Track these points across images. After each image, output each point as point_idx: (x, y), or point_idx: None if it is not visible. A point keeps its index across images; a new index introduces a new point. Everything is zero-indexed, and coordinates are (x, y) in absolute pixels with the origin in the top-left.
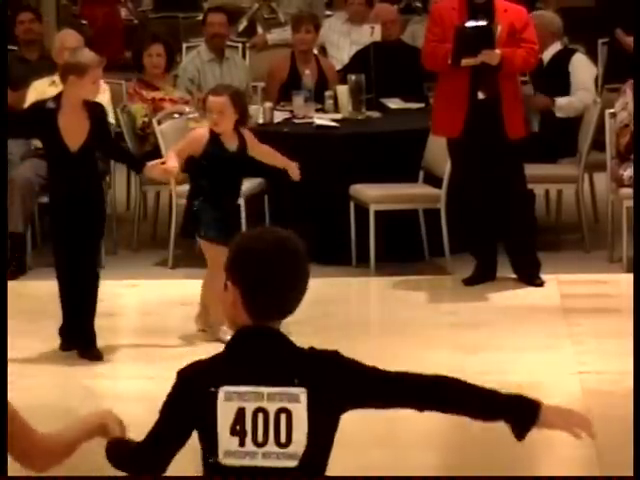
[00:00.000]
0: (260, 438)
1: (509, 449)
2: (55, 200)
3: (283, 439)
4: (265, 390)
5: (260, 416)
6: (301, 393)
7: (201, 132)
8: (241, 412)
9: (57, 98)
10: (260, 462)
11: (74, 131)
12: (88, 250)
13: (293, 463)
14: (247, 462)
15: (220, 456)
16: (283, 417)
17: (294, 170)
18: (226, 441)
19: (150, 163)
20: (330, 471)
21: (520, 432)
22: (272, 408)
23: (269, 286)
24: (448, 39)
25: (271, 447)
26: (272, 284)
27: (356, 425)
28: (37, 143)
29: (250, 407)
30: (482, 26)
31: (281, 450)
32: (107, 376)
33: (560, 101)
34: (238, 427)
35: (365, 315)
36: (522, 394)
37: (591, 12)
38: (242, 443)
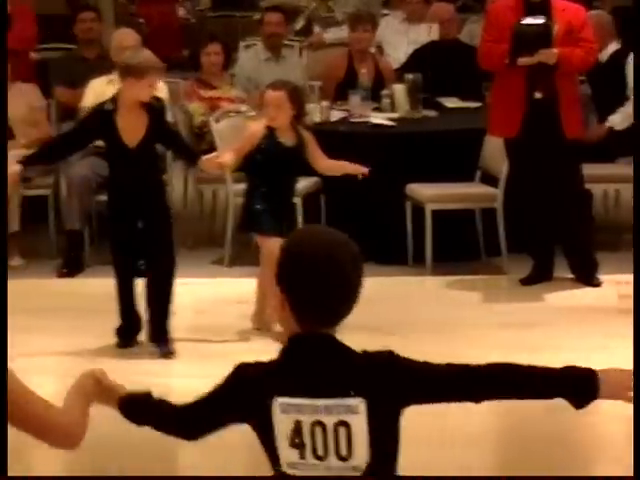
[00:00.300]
0: (320, 452)
1: (561, 448)
2: (114, 198)
3: (344, 452)
4: (322, 403)
5: (318, 430)
6: (359, 403)
7: (257, 127)
8: (298, 425)
9: (114, 98)
10: (324, 473)
11: (132, 128)
12: (159, 248)
13: (358, 473)
14: (311, 473)
15: (283, 467)
16: (342, 430)
17: (358, 169)
18: (286, 453)
19: (205, 156)
20: None
21: (580, 405)
22: (330, 421)
23: (319, 295)
24: (504, 39)
25: (333, 461)
26: (322, 293)
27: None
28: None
29: (307, 420)
30: (539, 24)
31: (343, 464)
32: (161, 374)
33: (614, 119)
34: (297, 440)
35: (420, 315)
36: (575, 367)
37: None
38: (302, 456)
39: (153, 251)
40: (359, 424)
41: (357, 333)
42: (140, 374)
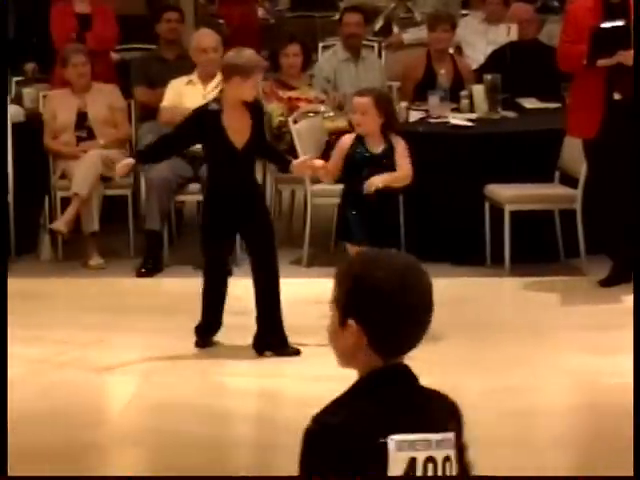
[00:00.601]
0: None
1: None
2: (217, 201)
3: None
4: (433, 437)
5: (430, 466)
6: (452, 437)
7: (348, 136)
8: (412, 463)
9: (218, 99)
10: None
11: (239, 130)
12: (266, 250)
13: None
14: None
15: None
16: (447, 465)
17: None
18: None
19: (296, 161)
20: None
21: None
22: (440, 456)
23: (408, 326)
24: (583, 40)
25: None
26: (411, 324)
27: (490, 424)
28: None
29: (421, 456)
30: (618, 26)
31: None
32: (240, 374)
33: None
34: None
35: (498, 316)
36: None
37: None
38: None
39: (259, 254)
40: (454, 459)
41: (435, 336)
42: (221, 375)
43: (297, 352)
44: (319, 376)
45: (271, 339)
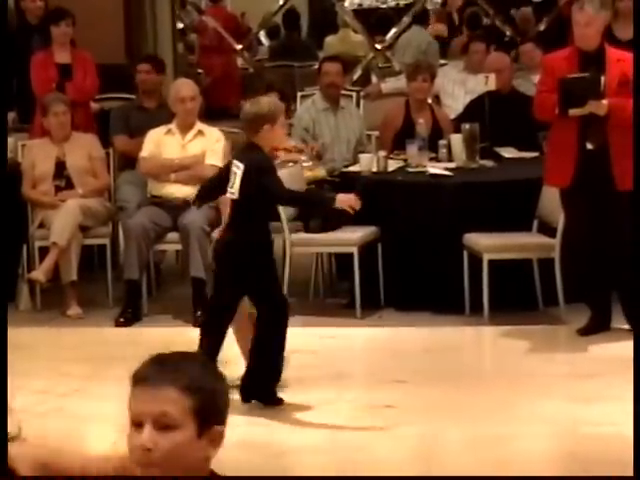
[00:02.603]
0: None
1: None
2: (265, 252)
3: None
4: None
5: None
6: None
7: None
8: None
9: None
10: None
11: None
12: (266, 296)
13: None
14: None
15: None
16: None
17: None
18: None
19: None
20: None
21: None
22: None
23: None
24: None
25: None
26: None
27: (470, 472)
28: (152, 190)
29: None
30: (584, 77)
31: None
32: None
33: None
34: None
35: (478, 364)
36: None
37: None
38: None
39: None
40: None
41: (415, 383)
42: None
43: (281, 402)
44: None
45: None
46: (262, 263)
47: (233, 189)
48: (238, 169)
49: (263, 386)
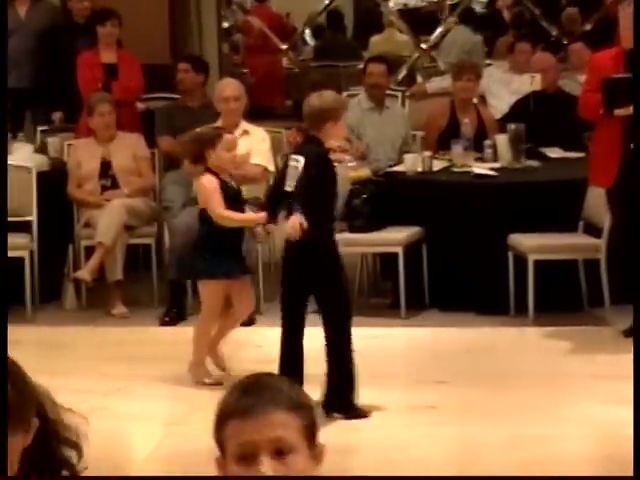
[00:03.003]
0: None
1: None
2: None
3: None
4: None
5: None
6: None
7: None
8: None
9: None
10: None
11: None
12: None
13: None
14: None
15: None
16: None
17: None
18: None
19: None
20: None
21: None
22: None
23: None
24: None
25: None
26: None
27: (510, 473)
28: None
29: None
30: (628, 77)
31: None
32: None
33: None
34: None
35: (522, 365)
36: None
37: None
38: None
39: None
40: None
41: (458, 384)
42: None
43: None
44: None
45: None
46: (328, 260)
47: (292, 182)
48: (298, 162)
49: (343, 397)
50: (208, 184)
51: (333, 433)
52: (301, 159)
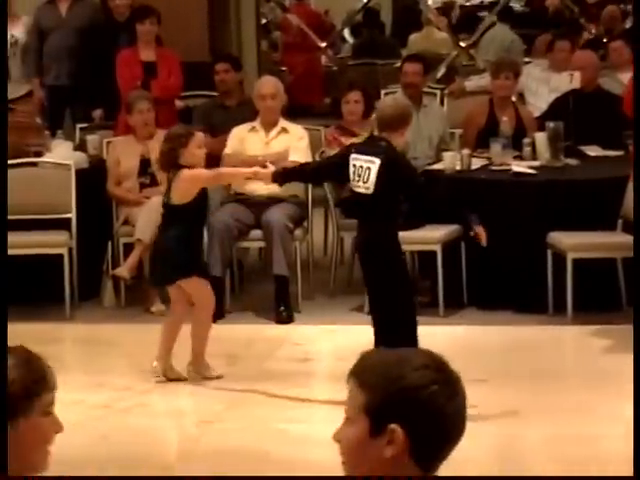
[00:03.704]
0: None
1: None
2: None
3: None
4: None
5: None
6: None
7: None
8: None
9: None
10: None
11: None
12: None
13: None
14: None
15: None
16: None
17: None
18: None
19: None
20: None
21: None
22: None
23: (450, 429)
24: None
25: None
26: (452, 426)
27: (551, 473)
28: (235, 187)
29: None
30: None
31: None
32: (302, 420)
33: None
34: None
35: (560, 364)
36: None
37: None
38: None
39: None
40: None
41: (496, 384)
42: (282, 421)
43: None
44: None
45: None
46: (396, 259)
47: (368, 184)
48: (372, 164)
49: None
50: (191, 171)
51: None
52: (376, 160)
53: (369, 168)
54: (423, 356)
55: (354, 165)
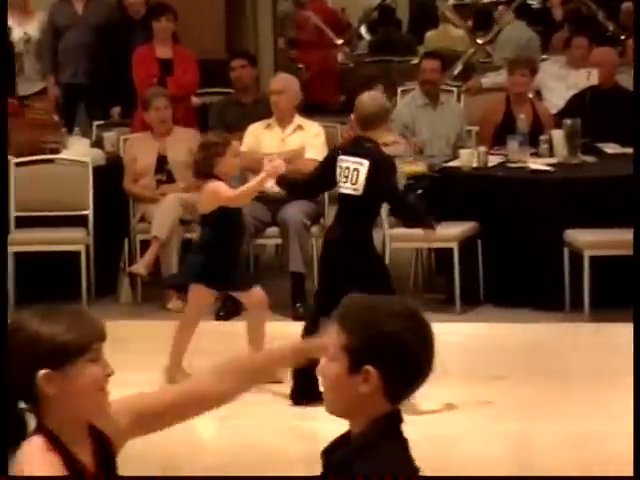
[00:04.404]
0: None
1: None
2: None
3: None
4: None
5: None
6: None
7: None
8: None
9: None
10: None
11: None
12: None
13: None
14: None
15: None
16: None
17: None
18: None
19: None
20: None
21: None
22: None
23: (419, 368)
24: None
25: None
26: (421, 365)
27: (565, 471)
28: None
29: None
30: None
31: None
32: (317, 418)
33: None
34: None
35: (577, 361)
36: None
37: None
38: None
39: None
40: None
41: (512, 381)
42: (298, 418)
43: None
44: None
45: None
46: (375, 258)
47: (357, 185)
48: (361, 165)
49: None
50: (215, 186)
51: None
52: (364, 162)
53: (357, 170)
54: (398, 304)
55: (340, 167)
